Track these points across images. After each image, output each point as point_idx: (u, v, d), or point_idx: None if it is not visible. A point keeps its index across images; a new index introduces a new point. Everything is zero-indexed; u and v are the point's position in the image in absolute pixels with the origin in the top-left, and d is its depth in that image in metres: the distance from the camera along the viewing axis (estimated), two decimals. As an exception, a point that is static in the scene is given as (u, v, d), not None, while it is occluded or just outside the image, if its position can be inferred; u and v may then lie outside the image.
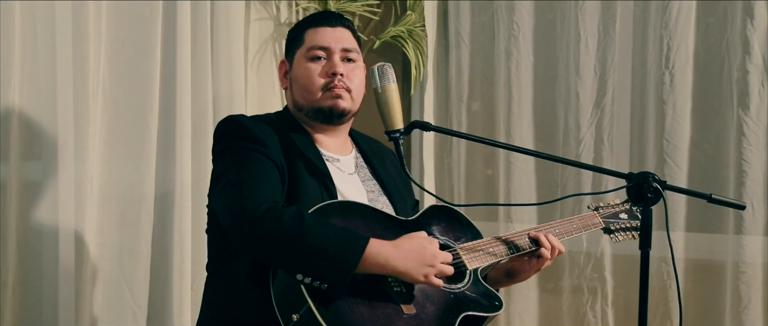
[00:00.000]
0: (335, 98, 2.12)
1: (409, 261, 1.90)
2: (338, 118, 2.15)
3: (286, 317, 1.84)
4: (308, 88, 2.13)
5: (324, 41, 2.15)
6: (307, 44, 2.17)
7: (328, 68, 2.13)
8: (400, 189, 2.25)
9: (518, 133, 3.26)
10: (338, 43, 2.16)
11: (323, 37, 2.16)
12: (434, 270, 1.93)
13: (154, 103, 2.64)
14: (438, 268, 1.93)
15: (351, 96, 2.15)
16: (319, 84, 2.12)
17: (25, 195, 2.42)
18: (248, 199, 1.88)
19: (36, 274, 2.43)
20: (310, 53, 2.15)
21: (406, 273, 1.90)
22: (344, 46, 2.16)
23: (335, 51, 2.15)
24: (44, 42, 2.42)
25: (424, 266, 1.91)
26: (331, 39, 2.16)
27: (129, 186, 2.62)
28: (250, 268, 1.95)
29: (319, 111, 2.13)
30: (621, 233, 2.38)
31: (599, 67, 3.14)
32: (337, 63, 2.13)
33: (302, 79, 2.15)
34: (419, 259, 1.91)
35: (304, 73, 2.14)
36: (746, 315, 2.86)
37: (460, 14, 3.39)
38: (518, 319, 3.28)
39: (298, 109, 2.17)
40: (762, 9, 2.85)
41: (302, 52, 2.17)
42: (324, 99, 2.12)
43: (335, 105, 2.12)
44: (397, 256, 1.89)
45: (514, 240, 2.18)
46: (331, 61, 2.14)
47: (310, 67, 2.14)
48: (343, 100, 2.13)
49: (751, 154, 2.86)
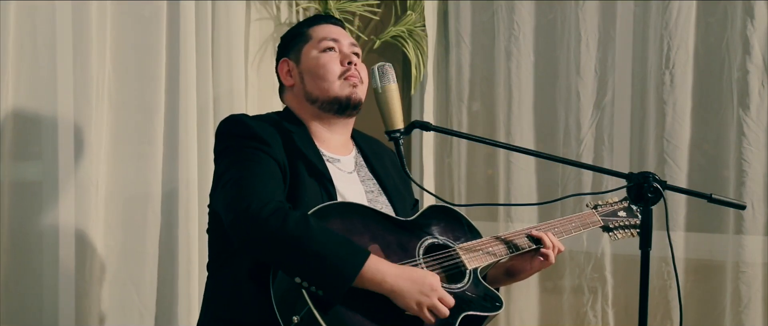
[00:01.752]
0: (353, 87, 2.15)
1: (406, 284, 1.88)
2: (354, 109, 2.17)
3: (287, 318, 1.84)
4: (325, 76, 2.15)
5: (334, 33, 2.20)
6: (317, 38, 2.20)
7: (343, 57, 2.17)
8: (400, 189, 2.25)
9: (518, 132, 3.26)
10: (345, 37, 2.22)
11: (331, 31, 2.21)
12: (429, 301, 1.89)
13: (160, 103, 2.65)
14: (433, 301, 1.89)
15: (363, 88, 2.19)
16: (336, 72, 2.15)
17: (25, 195, 2.42)
18: (252, 197, 1.88)
19: (36, 274, 2.43)
20: (322, 44, 2.18)
21: (400, 296, 1.88)
22: (351, 40, 2.23)
23: (344, 44, 2.19)
24: (45, 43, 2.42)
25: (419, 294, 1.88)
26: (339, 33, 2.21)
27: (135, 187, 2.62)
28: (250, 269, 1.95)
29: (335, 100, 2.15)
30: (620, 231, 2.38)
31: (599, 67, 3.14)
32: (350, 54, 2.17)
33: (318, 69, 2.16)
34: (416, 286, 1.89)
35: (320, 63, 2.16)
36: (746, 315, 2.86)
37: (461, 14, 3.39)
38: (518, 319, 3.28)
39: (311, 102, 2.17)
40: (762, 9, 2.85)
41: (312, 45, 2.19)
42: (342, 88, 2.15)
43: (353, 94, 2.15)
44: (395, 276, 1.88)
45: (514, 240, 2.18)
46: (345, 52, 2.18)
47: (324, 56, 2.17)
48: (359, 89, 2.17)
49: (751, 154, 2.86)
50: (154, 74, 2.64)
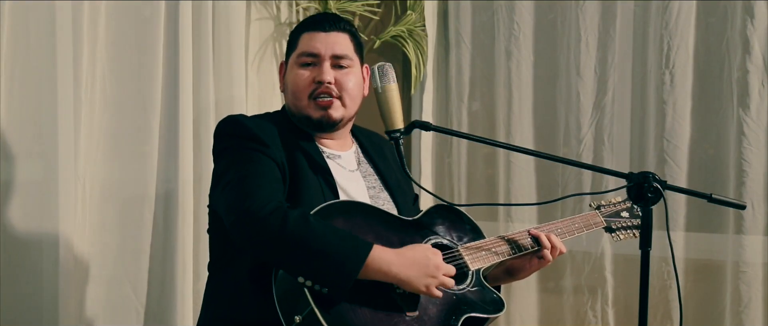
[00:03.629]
0: (324, 109, 2.10)
1: (412, 269, 1.90)
2: (331, 127, 2.14)
3: (288, 318, 1.83)
4: (296, 94, 2.12)
5: (314, 48, 2.12)
6: (299, 50, 2.15)
7: (315, 75, 2.11)
8: (401, 184, 2.25)
9: (518, 132, 3.26)
10: (329, 49, 2.12)
11: (315, 43, 2.12)
12: (436, 281, 1.92)
13: (156, 103, 2.65)
14: (440, 279, 1.93)
15: (343, 102, 2.12)
16: (305, 91, 2.11)
17: (24, 195, 2.42)
18: (252, 198, 1.87)
19: (36, 274, 2.42)
20: (300, 59, 2.13)
21: (407, 282, 1.90)
22: (335, 52, 2.12)
23: (325, 58, 2.11)
24: (40, 42, 2.41)
25: (426, 276, 1.91)
26: (322, 45, 2.12)
27: (130, 186, 2.62)
28: (251, 269, 1.95)
29: (308, 119, 2.12)
30: (622, 232, 2.38)
31: (599, 67, 3.14)
32: (325, 70, 2.10)
33: (291, 85, 2.14)
34: (422, 269, 1.91)
35: (293, 80, 2.13)
36: (746, 315, 2.87)
37: (460, 14, 3.39)
38: (518, 319, 3.28)
39: (291, 115, 2.16)
40: (762, 9, 2.85)
41: (294, 57, 2.16)
42: (312, 108, 2.10)
43: (324, 116, 2.10)
44: (400, 264, 1.89)
45: (517, 240, 2.18)
46: (320, 68, 2.11)
47: (299, 73, 2.12)
48: (334, 109, 2.11)
49: (751, 154, 2.86)
50: (151, 74, 2.63)
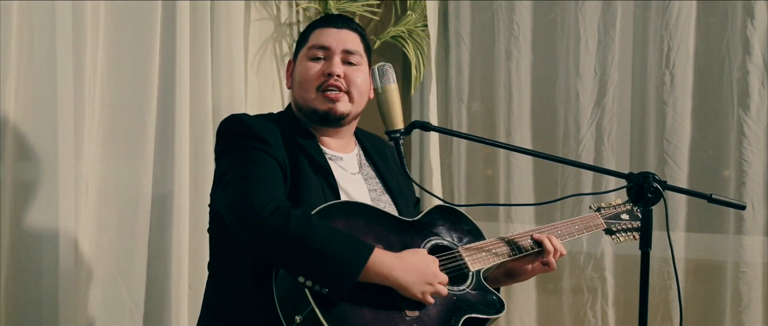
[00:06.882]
0: (332, 102, 2.10)
1: (411, 275, 1.91)
2: (337, 122, 2.14)
3: (289, 318, 1.83)
4: (304, 86, 2.13)
5: (325, 41, 2.14)
6: (310, 43, 2.16)
7: (325, 68, 2.12)
8: (402, 187, 2.25)
9: (518, 132, 3.27)
10: (340, 44, 2.14)
11: (326, 37, 2.15)
12: (432, 289, 1.94)
13: (152, 103, 2.64)
14: (435, 287, 1.94)
15: (350, 98, 2.13)
16: (314, 83, 2.11)
17: (23, 195, 2.42)
18: (254, 197, 1.87)
19: (36, 274, 2.42)
20: (310, 52, 2.15)
21: (405, 287, 1.91)
22: (346, 47, 2.14)
23: (336, 52, 2.13)
24: (42, 42, 2.41)
25: (424, 283, 1.93)
26: (334, 40, 2.14)
27: (126, 187, 2.61)
28: (252, 268, 1.95)
29: (315, 112, 2.12)
30: (622, 234, 2.37)
31: (599, 67, 3.14)
32: (335, 63, 2.12)
33: (299, 77, 2.15)
34: (421, 275, 1.92)
35: (302, 72, 2.14)
36: (746, 315, 2.87)
37: (460, 14, 3.39)
38: (518, 319, 3.28)
39: (298, 109, 2.17)
40: (762, 9, 2.85)
41: (304, 50, 2.17)
42: (319, 101, 2.11)
43: (331, 109, 2.11)
44: (400, 269, 1.90)
45: (517, 241, 2.18)
46: (330, 62, 2.12)
47: (309, 65, 2.13)
48: (341, 103, 2.11)
49: (751, 154, 2.86)
50: (148, 74, 2.63)
